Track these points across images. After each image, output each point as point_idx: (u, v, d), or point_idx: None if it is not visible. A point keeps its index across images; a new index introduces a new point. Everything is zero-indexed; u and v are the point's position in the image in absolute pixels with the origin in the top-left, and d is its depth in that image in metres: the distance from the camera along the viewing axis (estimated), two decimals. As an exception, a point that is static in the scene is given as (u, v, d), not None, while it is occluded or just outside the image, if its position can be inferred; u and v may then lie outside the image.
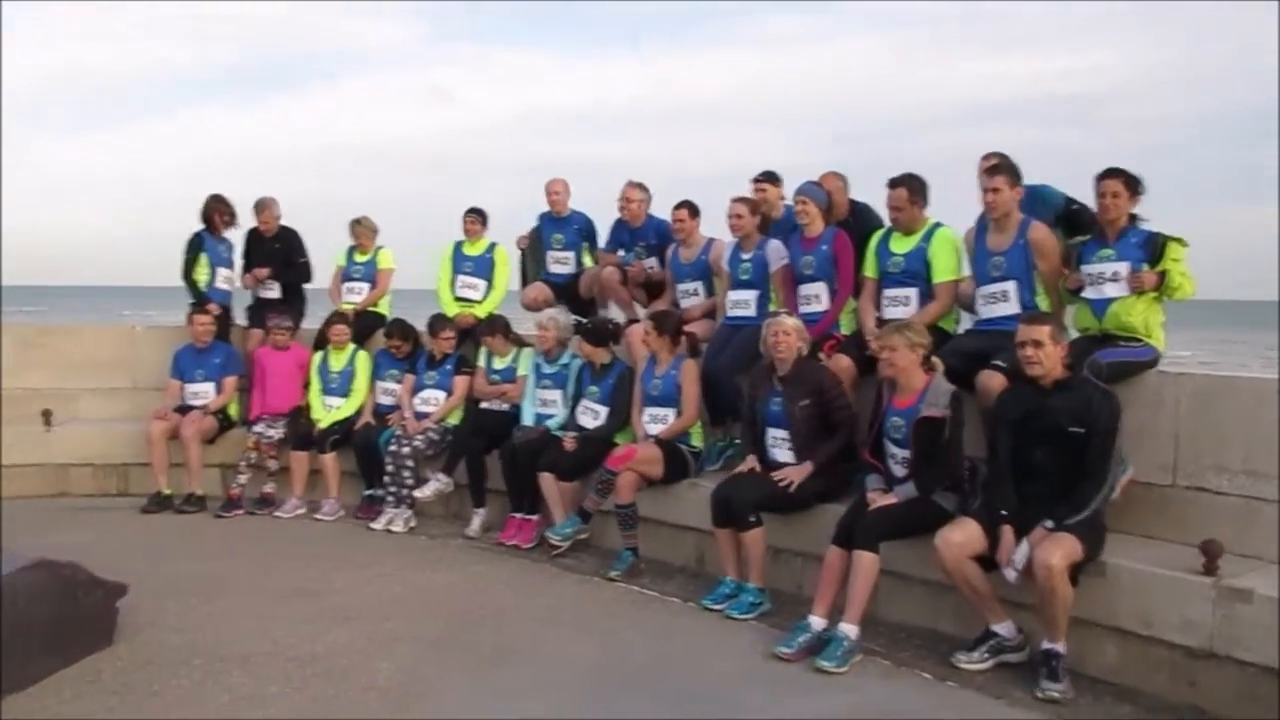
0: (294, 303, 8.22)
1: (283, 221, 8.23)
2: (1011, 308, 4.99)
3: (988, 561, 4.25)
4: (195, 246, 7.92)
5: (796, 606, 4.92)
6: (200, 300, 7.81)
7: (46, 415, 7.77)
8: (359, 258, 8.16)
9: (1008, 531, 4.18)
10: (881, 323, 5.33)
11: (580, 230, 7.73)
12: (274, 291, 8.14)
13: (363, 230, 8.13)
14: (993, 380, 4.70)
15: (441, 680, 4.21)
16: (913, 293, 5.45)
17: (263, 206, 8.15)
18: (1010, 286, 5.03)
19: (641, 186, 7.26)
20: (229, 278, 8.09)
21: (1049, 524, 4.07)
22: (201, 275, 7.89)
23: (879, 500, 4.65)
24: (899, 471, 4.75)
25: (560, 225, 7.72)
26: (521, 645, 4.63)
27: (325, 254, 8.33)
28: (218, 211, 7.99)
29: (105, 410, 8.22)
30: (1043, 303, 4.99)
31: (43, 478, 7.66)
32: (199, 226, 7.96)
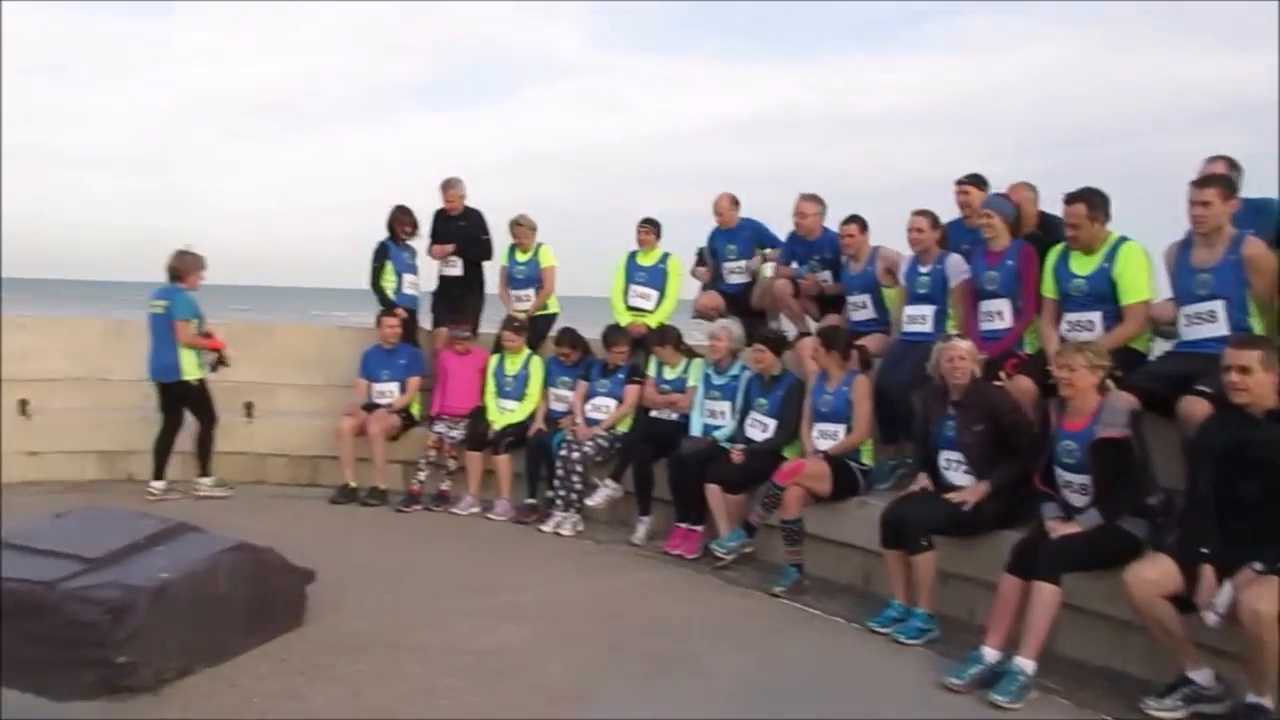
0: (474, 282, 8.52)
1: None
2: (1219, 329, 4.64)
3: (1184, 602, 3.95)
4: (381, 256, 8.31)
5: (967, 635, 4.74)
6: (388, 306, 8.21)
7: (249, 407, 8.35)
8: (520, 257, 8.36)
9: (1208, 571, 3.87)
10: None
11: (750, 238, 7.75)
12: (456, 269, 8.47)
13: (522, 230, 8.32)
14: (1195, 406, 4.37)
15: (607, 684, 4.26)
16: (1096, 316, 5.12)
17: (448, 186, 8.50)
18: (1218, 306, 4.68)
19: (815, 199, 7.18)
20: (414, 283, 8.47)
21: (1258, 566, 3.74)
22: (389, 283, 8.29)
23: (1060, 529, 4.41)
24: (1075, 499, 4.50)
25: (731, 236, 7.79)
26: (685, 655, 4.63)
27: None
28: (400, 222, 8.36)
29: (301, 404, 8.76)
30: (1256, 325, 4.62)
31: (244, 465, 8.22)
32: (384, 235, 8.36)
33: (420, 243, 8.53)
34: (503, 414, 7.64)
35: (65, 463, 8.05)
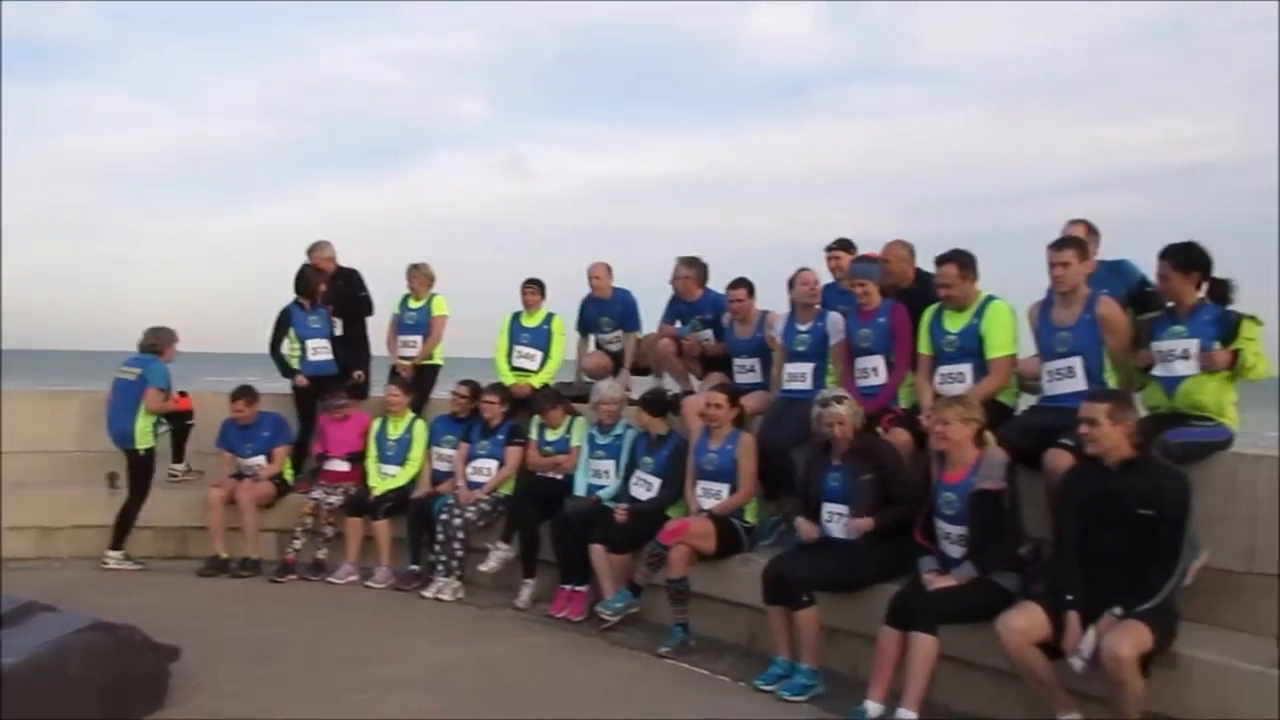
0: (355, 340, 8.36)
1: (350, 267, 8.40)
2: (1078, 384, 4.87)
3: (1054, 649, 4.08)
4: (282, 323, 8.07)
5: (851, 690, 4.78)
6: (289, 374, 8.00)
7: (112, 478, 7.92)
8: (413, 304, 8.25)
9: (1074, 618, 4.01)
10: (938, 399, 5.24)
11: (624, 310, 7.82)
12: (336, 329, 8.26)
13: (419, 276, 8.23)
14: (1059, 459, 4.57)
15: (488, 756, 4.14)
16: (967, 369, 5.34)
17: (315, 249, 8.32)
18: (1076, 362, 4.92)
19: (692, 263, 7.31)
20: (324, 348, 8.15)
21: (1117, 611, 3.91)
22: (294, 351, 8.05)
23: (936, 581, 4.52)
24: (952, 551, 4.63)
25: (605, 306, 7.84)
26: (571, 722, 4.55)
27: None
28: (316, 281, 8.12)
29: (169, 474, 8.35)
30: (1111, 379, 4.87)
31: (104, 540, 7.73)
32: (288, 299, 8.11)
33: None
34: (384, 479, 7.46)
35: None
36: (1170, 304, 4.81)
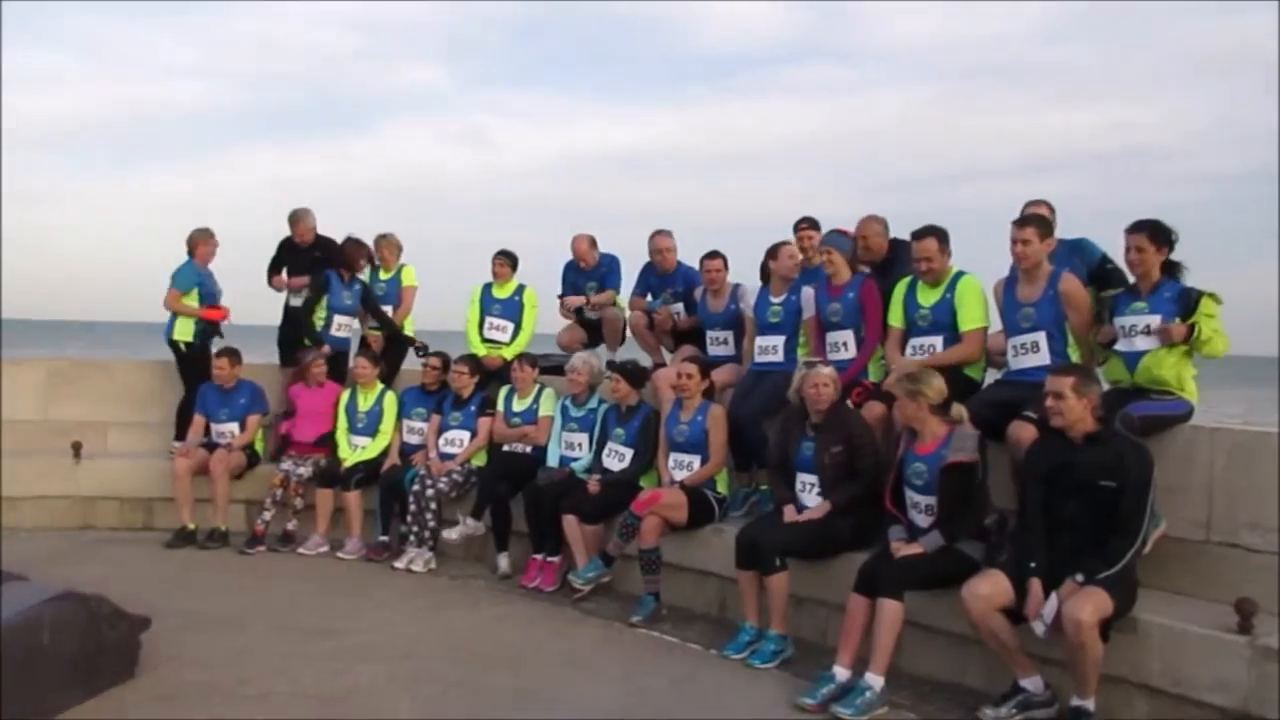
0: None
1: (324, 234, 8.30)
2: (1042, 359, 4.96)
3: (1016, 615, 4.18)
4: (321, 287, 7.92)
5: (820, 656, 4.87)
6: (314, 342, 7.84)
7: (76, 448, 7.84)
8: (382, 275, 8.23)
9: (1036, 585, 4.11)
10: None
11: (607, 273, 7.83)
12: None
13: (387, 246, 8.19)
14: (1023, 431, 4.66)
15: (462, 722, 4.17)
16: (939, 341, 5.41)
17: (296, 219, 8.26)
18: (1040, 337, 5.00)
19: (671, 234, 7.32)
20: (347, 325, 8.06)
21: (1079, 578, 4.01)
22: (318, 318, 7.93)
23: (904, 549, 4.61)
24: (921, 520, 4.72)
25: (590, 274, 7.83)
26: (542, 689, 4.59)
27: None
28: (357, 255, 7.99)
29: (136, 444, 8.28)
30: (1074, 354, 4.95)
31: (69, 510, 7.71)
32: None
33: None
34: (354, 451, 7.43)
35: None
36: (1133, 280, 4.89)
